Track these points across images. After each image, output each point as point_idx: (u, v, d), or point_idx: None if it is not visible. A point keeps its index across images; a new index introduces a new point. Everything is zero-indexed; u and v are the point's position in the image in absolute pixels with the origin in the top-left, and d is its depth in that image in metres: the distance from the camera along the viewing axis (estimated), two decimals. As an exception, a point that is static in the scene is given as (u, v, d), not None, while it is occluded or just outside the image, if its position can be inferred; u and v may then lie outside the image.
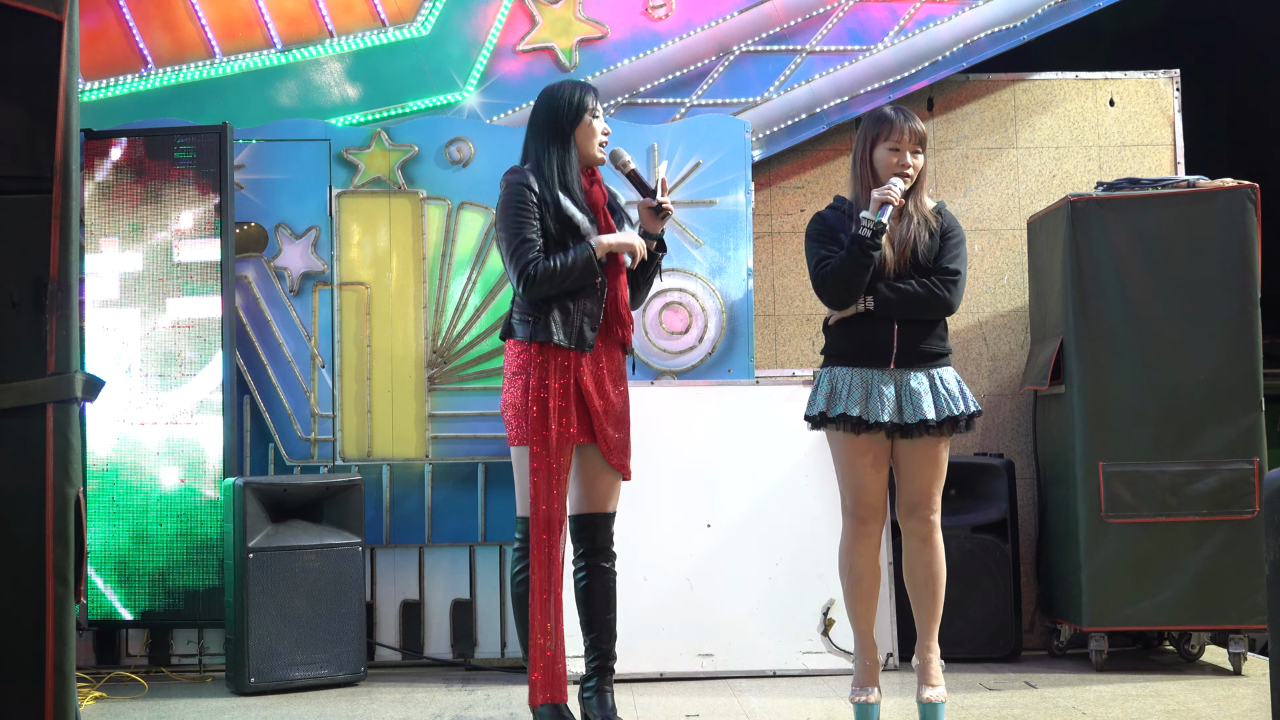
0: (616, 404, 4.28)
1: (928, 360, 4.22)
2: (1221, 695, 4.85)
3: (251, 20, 5.93)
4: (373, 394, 5.70)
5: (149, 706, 4.99)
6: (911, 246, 4.21)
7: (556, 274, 4.11)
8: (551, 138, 4.23)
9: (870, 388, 4.19)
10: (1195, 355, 5.26)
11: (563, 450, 4.17)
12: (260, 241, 5.74)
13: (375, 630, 5.68)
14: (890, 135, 4.23)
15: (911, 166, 4.22)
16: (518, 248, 4.13)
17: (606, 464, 4.27)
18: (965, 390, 4.24)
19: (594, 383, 4.21)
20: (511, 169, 4.26)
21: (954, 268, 4.21)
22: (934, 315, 4.23)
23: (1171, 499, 5.24)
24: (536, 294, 4.14)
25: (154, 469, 5.54)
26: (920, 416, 4.14)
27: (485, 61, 5.95)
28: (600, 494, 4.30)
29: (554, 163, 4.21)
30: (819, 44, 6.02)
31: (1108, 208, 5.35)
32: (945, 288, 4.20)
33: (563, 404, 4.16)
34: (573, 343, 4.17)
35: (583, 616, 4.33)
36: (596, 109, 4.27)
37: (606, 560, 4.31)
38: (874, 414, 4.16)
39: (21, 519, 2.46)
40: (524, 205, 4.16)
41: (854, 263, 4.16)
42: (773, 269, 6.11)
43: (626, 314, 4.28)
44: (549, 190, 4.19)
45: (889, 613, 5.33)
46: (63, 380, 2.48)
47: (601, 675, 4.29)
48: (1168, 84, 6.20)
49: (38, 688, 2.44)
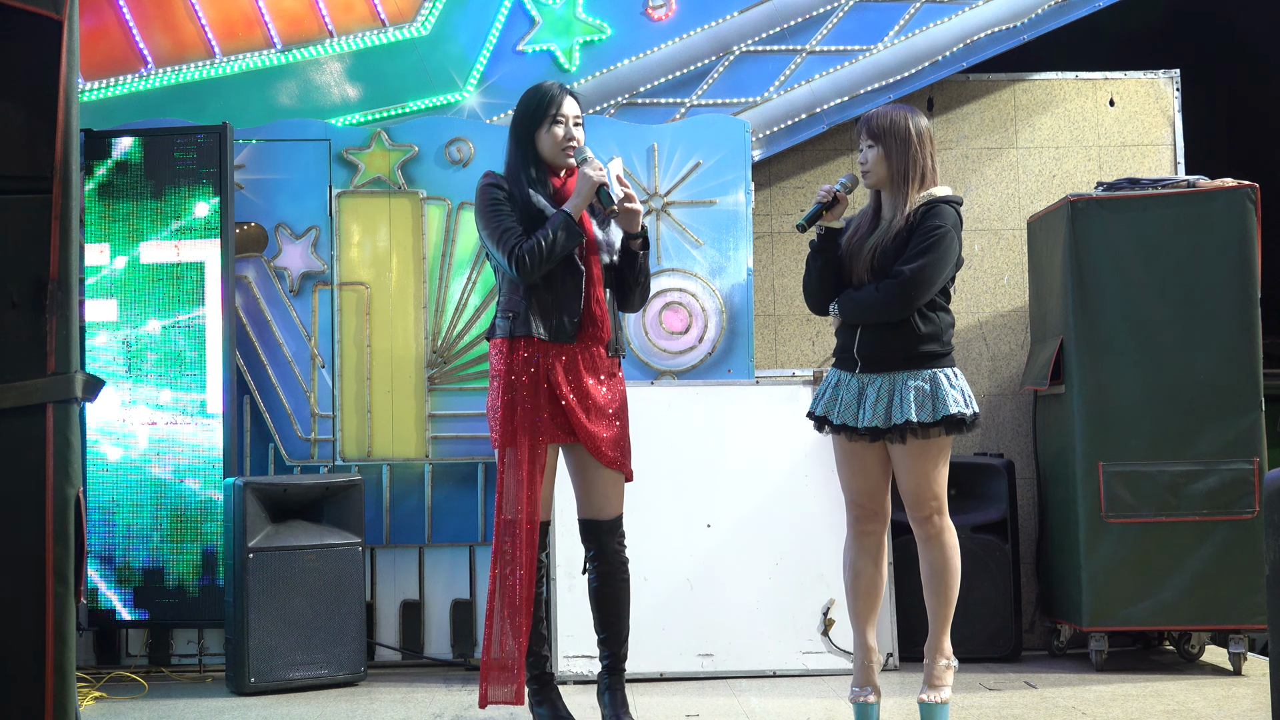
0: (600, 400, 4.22)
1: (894, 364, 4.13)
2: (1221, 695, 4.85)
3: (251, 20, 5.93)
4: (373, 394, 5.70)
5: (149, 706, 4.99)
6: (873, 253, 4.15)
7: (542, 246, 4.09)
8: (517, 140, 4.27)
9: (839, 390, 4.21)
10: (1195, 355, 5.25)
11: (536, 449, 4.15)
12: (260, 241, 5.74)
13: (375, 630, 5.68)
14: (857, 133, 4.28)
15: (866, 161, 4.20)
16: (501, 237, 4.14)
17: (599, 463, 4.23)
18: (940, 393, 4.09)
19: (568, 377, 4.17)
20: (484, 174, 4.28)
21: (899, 269, 4.08)
22: (887, 318, 4.13)
23: (1171, 499, 5.24)
24: (531, 272, 4.11)
25: (154, 469, 5.54)
26: (866, 422, 4.12)
27: (485, 61, 5.95)
28: (599, 497, 4.27)
29: (519, 163, 4.25)
30: (819, 44, 6.02)
31: (1108, 208, 5.35)
32: (888, 289, 4.09)
33: (533, 401, 4.15)
34: (550, 334, 4.16)
35: (594, 617, 4.32)
36: (560, 115, 4.21)
37: (617, 562, 4.29)
38: (835, 416, 4.19)
39: (21, 519, 2.46)
40: (496, 202, 4.20)
41: (809, 268, 4.26)
42: (773, 269, 6.11)
43: (601, 309, 4.22)
44: (518, 188, 4.21)
45: (889, 613, 5.33)
46: (63, 380, 2.48)
47: (612, 675, 4.30)
48: (1168, 84, 6.20)
49: (38, 688, 2.44)
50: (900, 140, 4.16)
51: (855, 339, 4.18)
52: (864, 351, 4.16)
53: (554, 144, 4.22)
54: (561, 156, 4.23)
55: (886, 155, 4.17)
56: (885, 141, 4.17)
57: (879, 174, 4.20)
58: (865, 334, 4.17)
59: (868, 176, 4.22)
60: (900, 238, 4.13)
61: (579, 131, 4.25)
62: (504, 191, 4.21)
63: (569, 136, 4.22)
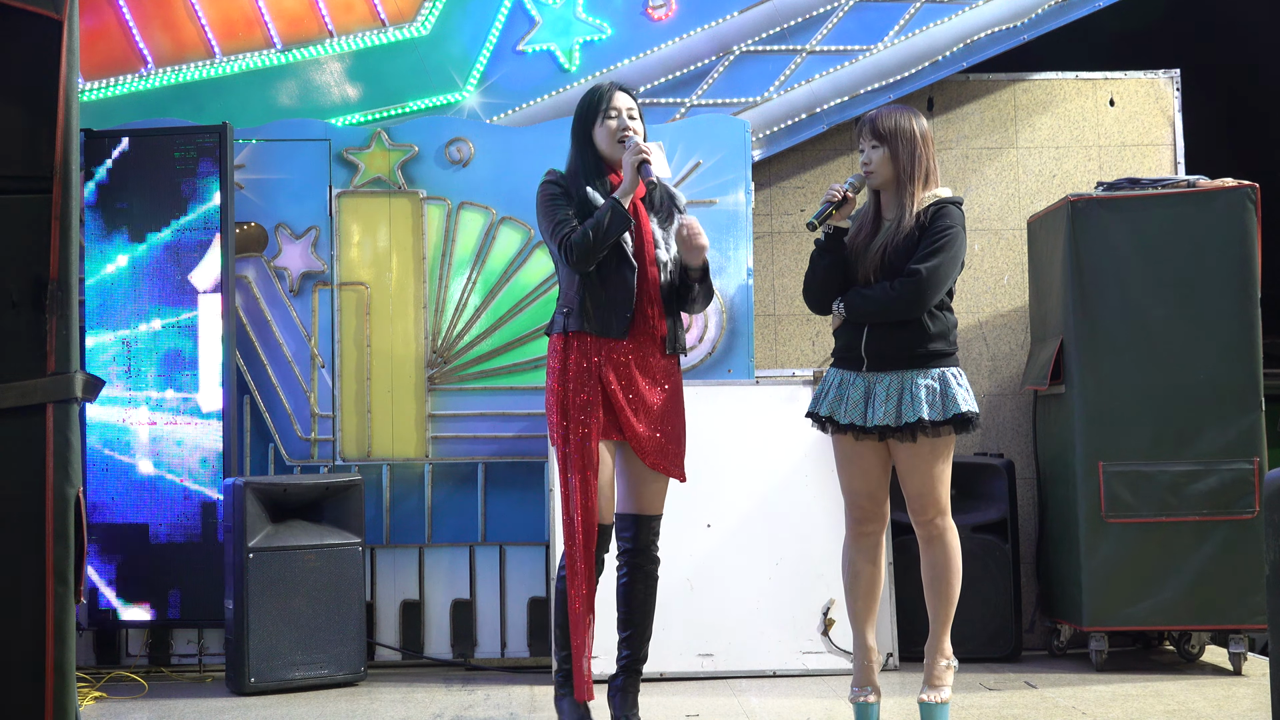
0: (651, 400, 4.21)
1: (902, 363, 4.14)
2: (1221, 695, 4.85)
3: (251, 20, 5.93)
4: (373, 394, 5.70)
5: (149, 706, 4.99)
6: (882, 252, 4.16)
7: (589, 234, 4.11)
8: (576, 140, 4.33)
9: (844, 390, 4.20)
10: (1195, 355, 5.25)
11: (587, 447, 4.14)
12: (260, 241, 5.74)
13: (375, 630, 5.67)
14: (858, 135, 4.27)
15: (870, 162, 4.20)
16: (554, 229, 4.19)
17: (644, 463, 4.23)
18: (949, 393, 4.12)
19: (619, 377, 4.17)
20: (546, 172, 4.34)
21: (915, 267, 4.10)
22: (898, 317, 4.13)
23: (1171, 499, 5.24)
24: (581, 260, 4.13)
25: (154, 468, 5.54)
26: (876, 421, 4.13)
27: (485, 61, 5.95)
28: (641, 494, 4.26)
29: (577, 161, 4.31)
30: (819, 44, 6.02)
31: (1108, 208, 5.35)
32: (903, 288, 4.10)
33: (584, 396, 4.15)
34: (602, 330, 4.17)
35: (619, 614, 4.31)
36: (612, 109, 4.26)
37: (648, 562, 4.28)
38: (840, 415, 4.18)
39: (21, 519, 2.46)
40: (553, 197, 4.25)
41: (813, 267, 4.25)
42: (773, 269, 6.11)
43: (655, 307, 4.22)
44: (575, 185, 4.26)
45: (889, 613, 5.33)
46: (63, 380, 2.48)
47: (629, 675, 4.30)
48: (1168, 84, 6.20)
49: (38, 688, 2.44)
50: (906, 141, 4.18)
51: (862, 338, 4.18)
52: (872, 350, 4.16)
53: (608, 137, 4.26)
54: (617, 149, 4.25)
55: (893, 156, 4.18)
56: (891, 143, 4.18)
57: (884, 175, 4.20)
58: (873, 333, 4.16)
59: (872, 177, 4.22)
60: (911, 237, 4.14)
61: (635, 123, 4.28)
62: (560, 188, 4.26)
63: (622, 127, 4.25)
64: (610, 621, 4.43)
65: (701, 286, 4.30)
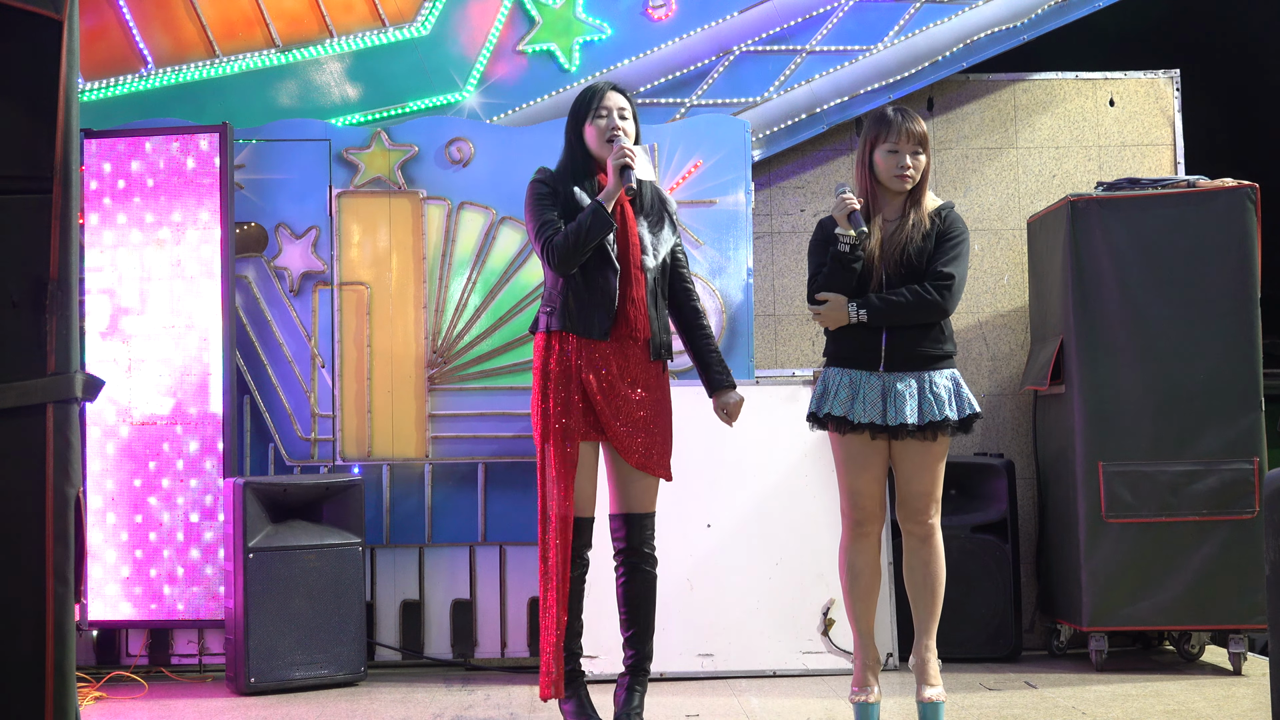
0: (633, 402, 4.23)
1: (920, 364, 4.19)
2: (1221, 695, 4.85)
3: (252, 20, 5.93)
4: (373, 394, 5.70)
5: (149, 706, 4.99)
6: (901, 251, 4.19)
7: (570, 235, 4.15)
8: (568, 139, 4.36)
9: (857, 389, 4.21)
10: (1195, 355, 5.26)
11: (566, 446, 4.16)
12: (260, 241, 5.74)
13: (375, 630, 5.68)
14: (889, 137, 4.23)
15: (911, 168, 4.22)
16: (539, 230, 4.22)
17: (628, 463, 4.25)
18: (962, 393, 4.20)
19: (599, 379, 4.19)
20: (535, 170, 4.36)
21: (947, 271, 4.17)
22: (927, 320, 4.20)
23: (1171, 499, 5.24)
24: (563, 262, 4.16)
25: (154, 468, 5.53)
26: (901, 420, 4.14)
27: (485, 61, 5.95)
28: (629, 493, 4.29)
29: (567, 160, 4.34)
30: (819, 44, 6.02)
31: (1108, 208, 5.35)
32: (938, 292, 4.17)
33: (563, 394, 4.17)
34: (584, 331, 4.18)
35: (621, 614, 4.33)
36: (602, 108, 4.27)
37: (644, 560, 4.30)
38: (858, 415, 4.18)
39: (21, 519, 2.46)
40: (541, 197, 4.28)
41: (838, 273, 4.24)
42: (773, 269, 6.11)
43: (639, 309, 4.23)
44: (563, 184, 4.27)
45: (889, 613, 5.33)
46: (63, 380, 2.48)
47: (634, 674, 4.31)
48: (1168, 84, 6.20)
49: (38, 688, 2.44)
50: (927, 146, 4.27)
51: (880, 339, 4.20)
52: (892, 351, 4.19)
53: (598, 136, 4.27)
54: (606, 149, 4.26)
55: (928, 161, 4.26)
56: (927, 148, 4.26)
57: (918, 180, 4.26)
58: (894, 334, 4.19)
59: (909, 181, 4.23)
60: (929, 238, 4.21)
61: (625, 123, 4.27)
62: (549, 187, 4.28)
63: (611, 127, 4.26)
64: (612, 622, 4.44)
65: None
